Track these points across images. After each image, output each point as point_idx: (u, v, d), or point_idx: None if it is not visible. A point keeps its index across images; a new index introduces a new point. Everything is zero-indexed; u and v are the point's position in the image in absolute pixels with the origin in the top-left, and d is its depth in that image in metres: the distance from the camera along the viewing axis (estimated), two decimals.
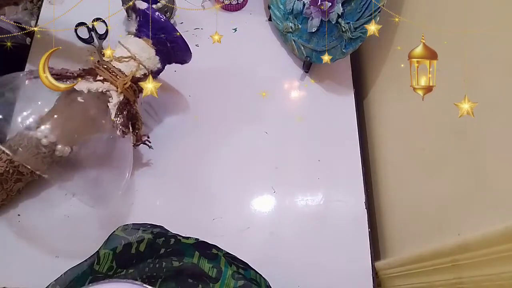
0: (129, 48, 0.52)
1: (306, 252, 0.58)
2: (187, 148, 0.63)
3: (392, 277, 0.55)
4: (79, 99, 0.50)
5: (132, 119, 0.54)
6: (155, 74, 0.57)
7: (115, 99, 0.50)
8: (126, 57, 0.52)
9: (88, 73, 0.50)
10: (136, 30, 0.54)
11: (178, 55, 0.57)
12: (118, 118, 0.50)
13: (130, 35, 0.54)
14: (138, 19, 0.53)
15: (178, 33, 0.53)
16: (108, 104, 0.50)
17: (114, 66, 0.51)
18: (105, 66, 0.51)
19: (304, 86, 0.71)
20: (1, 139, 0.49)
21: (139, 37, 0.53)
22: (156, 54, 0.54)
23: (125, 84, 0.51)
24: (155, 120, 0.65)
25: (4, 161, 0.50)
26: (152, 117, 0.65)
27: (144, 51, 0.53)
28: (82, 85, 0.49)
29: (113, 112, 0.50)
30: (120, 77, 0.51)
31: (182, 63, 0.60)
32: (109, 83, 0.50)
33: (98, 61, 0.52)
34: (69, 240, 0.55)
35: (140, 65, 0.53)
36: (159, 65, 0.56)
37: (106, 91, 0.50)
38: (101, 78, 0.50)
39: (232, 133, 0.65)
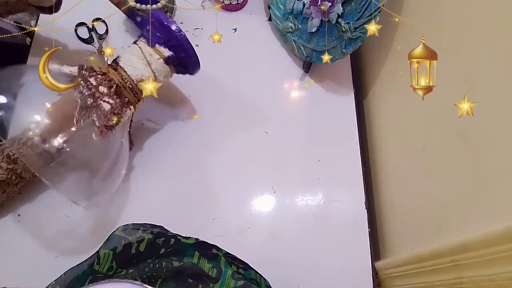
0: (158, 76, 0.52)
1: (306, 252, 0.58)
2: (187, 148, 0.63)
3: (392, 277, 0.55)
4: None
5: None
6: None
7: (128, 116, 0.51)
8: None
9: (119, 97, 0.49)
10: (168, 57, 0.52)
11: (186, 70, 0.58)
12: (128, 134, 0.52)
13: (160, 58, 0.52)
14: (165, 41, 0.52)
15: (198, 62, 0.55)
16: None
17: (138, 89, 0.51)
18: (131, 86, 0.50)
19: (304, 86, 0.71)
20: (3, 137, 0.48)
21: (167, 64, 0.53)
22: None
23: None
24: (155, 120, 0.65)
25: (5, 170, 0.50)
26: (151, 117, 0.65)
27: (166, 77, 0.54)
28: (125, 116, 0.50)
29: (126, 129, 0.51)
30: (139, 99, 0.52)
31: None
32: (132, 106, 0.51)
33: (123, 77, 0.50)
34: (69, 240, 0.55)
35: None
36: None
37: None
38: (126, 99, 0.50)
39: (232, 133, 0.65)
